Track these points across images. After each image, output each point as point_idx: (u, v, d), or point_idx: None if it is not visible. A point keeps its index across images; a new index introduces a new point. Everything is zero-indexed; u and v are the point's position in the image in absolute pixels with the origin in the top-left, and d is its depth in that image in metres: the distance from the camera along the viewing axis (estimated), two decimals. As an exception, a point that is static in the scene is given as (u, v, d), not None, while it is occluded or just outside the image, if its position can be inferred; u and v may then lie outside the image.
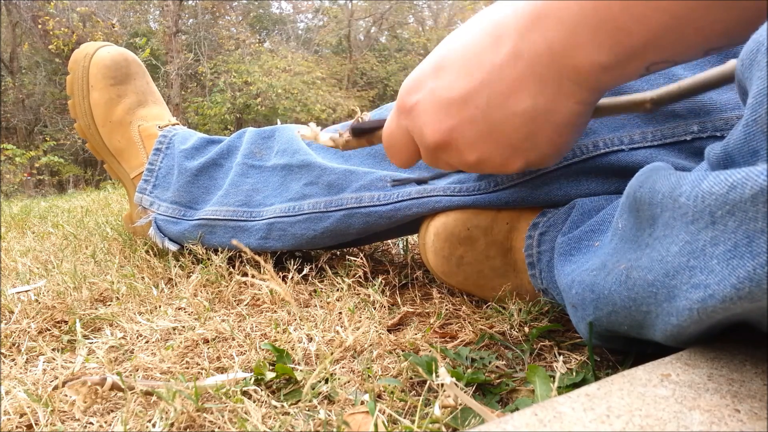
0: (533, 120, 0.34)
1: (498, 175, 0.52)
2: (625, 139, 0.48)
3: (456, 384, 0.37)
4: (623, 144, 0.48)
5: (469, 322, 0.52)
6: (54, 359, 0.45)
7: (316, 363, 0.44)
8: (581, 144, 0.49)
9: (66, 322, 0.53)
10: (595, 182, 0.49)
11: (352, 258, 0.66)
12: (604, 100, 0.38)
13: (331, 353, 0.44)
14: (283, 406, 0.36)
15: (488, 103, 0.34)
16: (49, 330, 0.52)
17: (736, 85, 0.29)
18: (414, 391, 0.40)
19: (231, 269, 0.66)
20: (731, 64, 0.33)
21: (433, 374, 0.37)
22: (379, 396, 0.38)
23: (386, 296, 0.58)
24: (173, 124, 0.80)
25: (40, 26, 9.58)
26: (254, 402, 0.36)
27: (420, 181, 0.55)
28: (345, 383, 0.40)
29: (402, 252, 0.80)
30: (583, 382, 0.38)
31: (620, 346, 0.41)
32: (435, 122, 0.37)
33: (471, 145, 0.37)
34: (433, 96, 0.37)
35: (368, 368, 0.42)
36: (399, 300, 0.59)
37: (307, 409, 0.36)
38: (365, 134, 0.46)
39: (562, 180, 0.50)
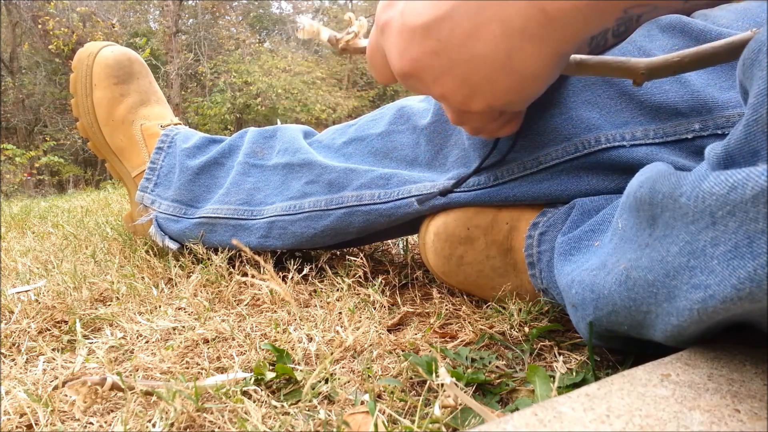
0: (492, 65, 0.33)
1: (498, 170, 0.52)
2: (627, 136, 0.47)
3: (456, 384, 0.37)
4: (624, 140, 0.47)
5: (469, 322, 0.52)
6: (54, 359, 0.45)
7: (316, 363, 0.44)
8: (583, 139, 0.49)
9: (66, 322, 0.53)
10: (596, 179, 0.49)
11: (352, 258, 0.66)
12: (593, 57, 0.35)
13: (331, 353, 0.44)
14: (283, 406, 0.36)
15: (450, 37, 0.33)
16: (49, 330, 0.52)
17: (737, 84, 0.29)
18: (414, 391, 0.40)
19: (231, 269, 0.66)
20: (740, 36, 0.30)
21: (433, 374, 0.37)
22: (379, 396, 0.38)
23: (386, 296, 0.58)
24: (175, 124, 0.80)
25: (40, 26, 9.58)
26: (254, 402, 0.36)
27: (444, 192, 0.54)
28: (345, 383, 0.40)
29: (402, 252, 0.80)
30: (583, 382, 0.38)
31: (620, 346, 0.41)
32: (401, 50, 0.36)
33: (435, 78, 0.36)
34: (402, 18, 0.35)
35: (368, 368, 0.42)
36: (399, 300, 0.59)
37: (307, 409, 0.36)
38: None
39: (562, 175, 0.50)
